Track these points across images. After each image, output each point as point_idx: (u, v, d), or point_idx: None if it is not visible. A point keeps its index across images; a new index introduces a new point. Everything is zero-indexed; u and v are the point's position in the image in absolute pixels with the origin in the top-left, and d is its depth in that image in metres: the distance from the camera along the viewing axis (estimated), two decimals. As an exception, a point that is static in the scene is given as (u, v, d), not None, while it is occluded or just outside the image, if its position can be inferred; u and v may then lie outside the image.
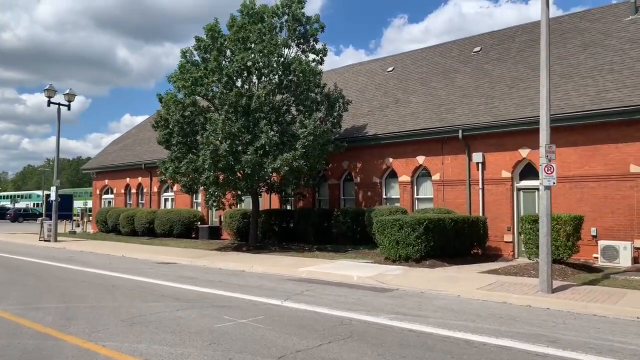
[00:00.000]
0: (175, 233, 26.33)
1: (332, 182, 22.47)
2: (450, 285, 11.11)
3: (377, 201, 20.87)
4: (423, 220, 14.01)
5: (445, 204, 18.87)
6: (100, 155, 39.15)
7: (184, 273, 13.86)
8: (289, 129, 17.61)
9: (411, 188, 19.96)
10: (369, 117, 22.28)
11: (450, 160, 18.90)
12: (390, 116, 21.42)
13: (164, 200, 31.74)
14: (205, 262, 16.14)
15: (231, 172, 17.11)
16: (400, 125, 20.31)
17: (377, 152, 20.91)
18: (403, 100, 22.09)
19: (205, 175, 16.78)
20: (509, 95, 18.52)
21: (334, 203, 22.33)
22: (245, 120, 17.14)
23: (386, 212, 18.50)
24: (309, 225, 21.00)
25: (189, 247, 21.44)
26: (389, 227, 14.34)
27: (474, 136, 18.16)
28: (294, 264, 14.73)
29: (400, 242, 14.10)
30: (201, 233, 25.95)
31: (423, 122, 19.62)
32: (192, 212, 26.95)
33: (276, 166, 16.28)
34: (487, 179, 18.01)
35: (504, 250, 17.51)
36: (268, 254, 17.67)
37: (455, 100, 19.98)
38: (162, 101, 18.51)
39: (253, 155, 16.20)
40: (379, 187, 20.92)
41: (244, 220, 23.25)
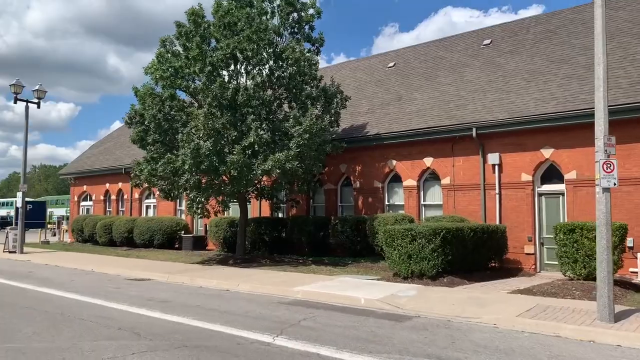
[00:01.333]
0: (156, 243, 24.05)
1: (328, 187, 20.36)
2: (481, 311, 9.01)
3: (378, 208, 18.79)
4: (440, 230, 11.93)
5: (456, 211, 16.82)
6: (78, 159, 36.72)
7: (156, 294, 11.64)
8: (281, 127, 15.50)
9: (417, 193, 17.90)
10: (369, 116, 20.24)
11: (461, 163, 16.87)
12: (393, 114, 19.39)
13: (145, 207, 29.44)
14: (184, 279, 13.92)
15: (215, 175, 14.94)
16: (404, 123, 18.28)
17: (379, 153, 18.86)
18: (407, 97, 20.08)
19: (185, 178, 14.60)
20: (526, 89, 16.57)
21: (331, 210, 20.21)
22: (231, 116, 15.01)
23: (391, 221, 16.43)
24: (304, 235, 18.85)
25: (169, 259, 19.18)
26: (399, 238, 12.23)
27: (489, 135, 16.17)
28: (287, 281, 12.56)
29: (413, 256, 11.98)
30: (184, 243, 23.69)
31: (431, 120, 17.61)
32: (175, 220, 24.68)
33: (267, 168, 14.15)
34: (504, 182, 16.00)
35: (524, 263, 15.48)
36: (257, 268, 15.48)
37: (465, 96, 18.01)
38: (137, 95, 16.32)
39: (240, 156, 14.06)
40: (381, 192, 18.84)
41: (231, 229, 21.04)
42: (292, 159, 14.55)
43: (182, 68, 15.67)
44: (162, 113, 15.79)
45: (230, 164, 14.05)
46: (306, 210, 21.08)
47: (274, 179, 18.37)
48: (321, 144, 16.34)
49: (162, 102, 15.75)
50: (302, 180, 17.21)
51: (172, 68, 15.66)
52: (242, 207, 17.96)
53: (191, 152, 14.10)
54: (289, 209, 21.61)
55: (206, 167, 14.49)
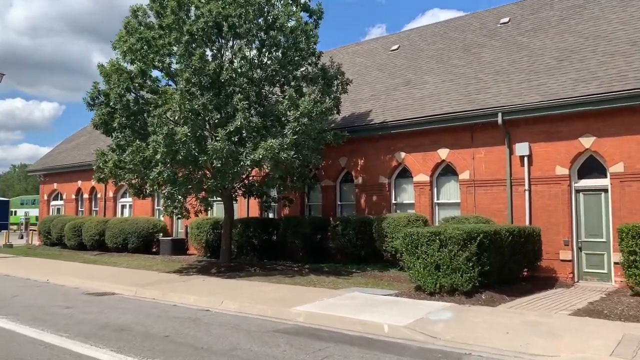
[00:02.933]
0: (130, 247, 21.36)
1: (326, 184, 17.88)
2: (552, 345, 6.59)
3: (384, 207, 16.35)
4: (476, 233, 9.51)
5: (476, 210, 14.44)
6: (49, 154, 33.76)
7: (115, 317, 9.06)
8: (274, 110, 12.98)
9: (430, 190, 15.49)
10: (372, 103, 17.80)
11: (483, 154, 14.50)
12: (400, 100, 16.97)
13: (120, 207, 26.70)
14: (155, 293, 11.34)
15: (194, 167, 12.39)
16: (415, 110, 15.87)
17: (385, 145, 16.42)
18: (416, 81, 17.68)
19: (158, 170, 12.01)
20: (559, 69, 14.25)
21: (329, 210, 17.73)
22: (213, 95, 12.45)
23: (403, 222, 14.02)
24: (298, 239, 16.34)
25: (143, 266, 16.55)
26: (423, 244, 9.77)
27: (516, 122, 13.83)
28: (283, 298, 10.04)
29: (443, 267, 9.54)
30: (162, 247, 21.05)
31: (447, 105, 15.21)
32: (152, 221, 22.00)
33: (257, 158, 11.62)
34: (535, 177, 13.66)
35: (560, 272, 13.15)
36: (245, 279, 12.94)
37: (485, 78, 15.65)
38: (102, 72, 13.65)
39: (224, 143, 11.51)
40: (387, 189, 16.40)
41: (214, 231, 18.47)
42: (287, 148, 12.04)
43: (154, 39, 13.06)
44: (131, 93, 13.17)
45: (213, 153, 11.50)
46: (300, 210, 18.59)
47: (265, 174, 15.84)
48: (320, 131, 13.86)
49: (131, 79, 13.14)
50: (298, 174, 14.70)
51: (143, 40, 13.05)
52: (228, 206, 15.40)
53: (164, 139, 11.53)
54: (281, 209, 19.09)
55: (183, 157, 11.93)
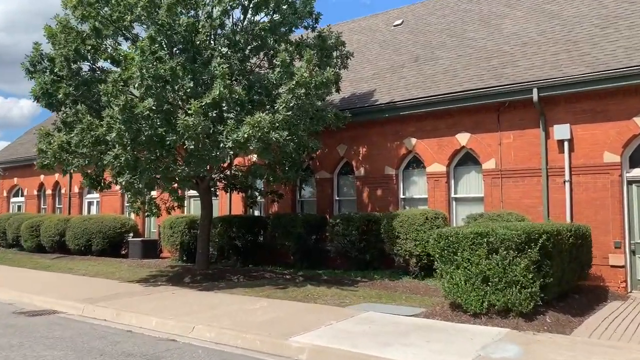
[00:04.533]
0: (95, 249, 18.57)
1: (321, 176, 15.35)
2: None
3: (390, 203, 13.88)
4: (537, 234, 7.07)
5: (504, 205, 12.07)
6: (10, 146, 30.66)
7: (34, 354, 6.41)
8: (263, 79, 10.40)
9: (446, 183, 13.06)
10: (375, 82, 15.33)
11: (512, 139, 12.13)
12: (409, 77, 14.52)
13: (87, 204, 23.86)
14: (108, 313, 8.69)
15: (161, 149, 9.74)
16: (428, 87, 13.43)
17: (392, 129, 13.97)
18: (426, 56, 15.23)
19: (114, 153, 9.34)
20: (605, 37, 11.92)
21: (325, 207, 15.21)
22: (186, 59, 9.83)
23: (419, 219, 11.59)
24: (290, 240, 13.78)
25: (104, 273, 13.84)
26: (465, 248, 7.28)
27: (554, 99, 11.48)
28: (277, 321, 7.49)
29: (493, 279, 7.06)
30: (131, 250, 18.33)
31: (467, 82, 12.81)
32: (120, 220, 19.22)
33: (240, 138, 9.03)
34: (577, 166, 11.32)
35: (609, 280, 10.84)
36: (226, 291, 10.34)
37: (511, 50, 13.27)
38: (47, 32, 10.89)
39: (199, 118, 8.91)
40: (395, 182, 13.94)
41: (191, 231, 15.83)
42: (279, 127, 9.46)
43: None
44: (83, 60, 10.50)
45: (184, 131, 8.88)
46: (291, 206, 16.03)
47: (250, 165, 13.26)
48: (318, 110, 11.32)
49: (82, 40, 10.45)
50: (290, 163, 12.14)
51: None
52: (205, 201, 12.78)
53: (121, 112, 8.89)
54: (269, 205, 16.52)
55: (146, 137, 9.28)
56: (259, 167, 10.87)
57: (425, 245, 11.25)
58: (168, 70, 9.15)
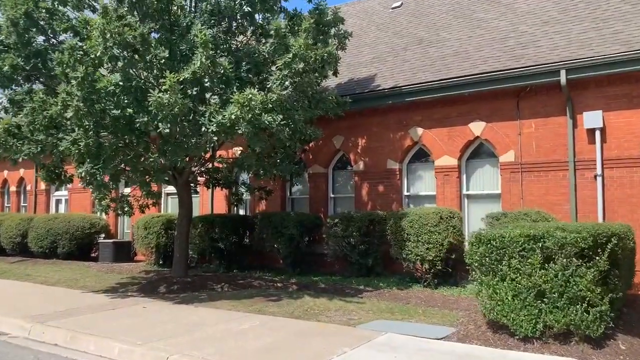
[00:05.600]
0: (61, 252, 16.71)
1: (315, 170, 13.77)
2: None
3: (393, 201, 12.37)
4: (605, 237, 5.57)
5: (524, 203, 10.64)
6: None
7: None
8: (252, 51, 8.77)
9: (458, 178, 11.59)
10: (375, 66, 13.80)
11: (534, 128, 10.70)
12: (414, 61, 13.02)
13: (55, 202, 21.89)
14: (60, 335, 6.97)
15: (130, 133, 8.03)
16: (437, 70, 11.95)
17: (396, 118, 12.47)
18: (431, 38, 13.75)
19: (72, 138, 7.62)
20: (638, 14, 10.56)
21: (318, 205, 13.63)
22: (160, 27, 8.15)
23: (433, 219, 10.10)
24: (281, 242, 12.16)
25: (67, 280, 12.05)
26: (514, 255, 5.76)
27: (584, 82, 10.10)
28: (275, 348, 5.90)
29: (550, 294, 5.55)
30: (102, 252, 16.52)
31: (482, 64, 11.36)
32: (90, 219, 17.37)
33: (226, 120, 7.39)
34: (610, 158, 9.94)
35: (648, 289, 9.46)
36: (209, 305, 8.68)
37: (530, 30, 11.85)
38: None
39: (176, 95, 7.25)
40: (398, 177, 12.43)
41: (168, 232, 14.13)
42: (272, 110, 7.84)
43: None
44: (33, 22, 8.74)
45: (158, 111, 7.21)
46: (281, 204, 14.41)
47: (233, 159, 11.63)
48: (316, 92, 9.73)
49: (35, 3, 8.68)
50: (283, 153, 10.53)
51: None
52: (184, 198, 11.08)
53: (79, 86, 7.19)
54: (255, 203, 14.90)
55: (112, 119, 7.59)
56: (248, 157, 9.21)
57: (439, 249, 9.78)
58: (138, 37, 7.48)
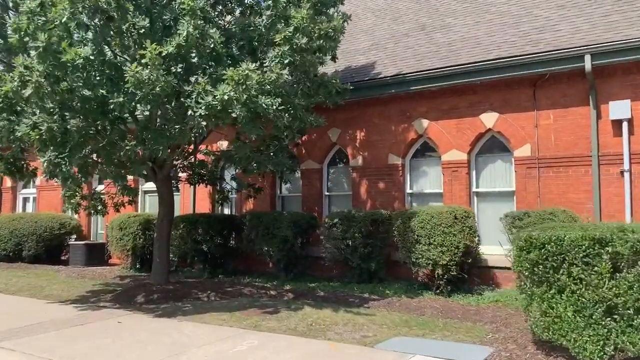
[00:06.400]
0: (27, 255, 15.28)
1: (308, 166, 12.64)
2: None
3: (395, 199, 11.32)
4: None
5: (541, 201, 9.70)
6: None
7: None
8: (247, 25, 7.60)
9: (467, 174, 10.59)
10: (374, 53, 12.75)
11: (552, 120, 9.76)
12: (417, 47, 12.00)
13: (22, 200, 20.31)
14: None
15: (103, 117, 6.79)
16: (445, 58, 10.95)
17: (398, 109, 11.43)
18: (434, 24, 12.75)
19: (32, 122, 6.36)
20: (664, -4, 9.72)
21: (311, 203, 12.51)
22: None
23: (446, 218, 9.11)
24: (273, 244, 10.98)
25: (30, 288, 10.69)
26: (576, 261, 4.73)
27: (608, 69, 9.20)
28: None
29: (622, 310, 4.53)
30: (73, 255, 15.14)
31: (495, 49, 10.39)
32: (60, 219, 15.94)
33: (217, 102, 6.21)
34: (638, 152, 9.04)
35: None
36: (195, 320, 7.48)
37: (546, 14, 10.92)
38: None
39: (157, 71, 6.05)
40: (401, 173, 11.38)
41: (146, 233, 12.85)
42: (270, 92, 6.69)
43: None
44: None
45: (136, 88, 6.00)
46: (270, 203, 13.25)
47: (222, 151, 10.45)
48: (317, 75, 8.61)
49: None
50: (277, 145, 9.38)
51: None
52: (164, 194, 9.84)
53: (41, 59, 5.94)
54: (242, 202, 13.71)
55: (80, 99, 6.35)
56: (241, 148, 8.02)
57: (455, 252, 8.75)
58: (112, 2, 6.26)
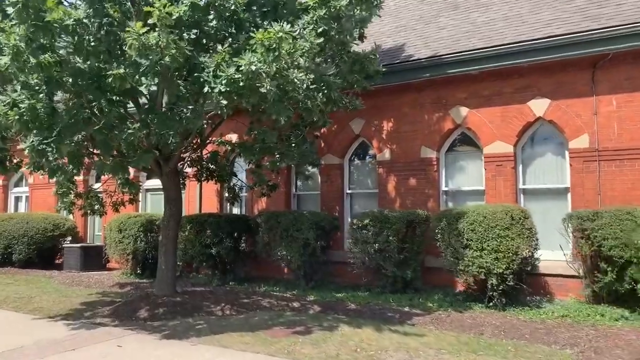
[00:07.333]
0: (17, 259, 14.00)
1: (328, 161, 11.35)
2: None
3: (428, 198, 10.06)
4: None
5: (602, 199, 8.45)
6: None
7: None
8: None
9: (513, 169, 9.32)
10: (402, 35, 11.49)
11: (615, 106, 8.52)
12: (452, 28, 10.73)
13: (14, 199, 18.99)
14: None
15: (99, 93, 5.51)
16: (487, 38, 9.69)
17: (432, 96, 10.17)
18: (468, 4, 11.46)
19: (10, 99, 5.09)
20: None
21: (332, 202, 11.24)
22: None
23: (502, 219, 7.93)
24: (292, 249, 9.69)
25: (16, 299, 9.40)
26: None
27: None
28: None
29: None
30: (67, 259, 13.87)
31: (545, 27, 9.12)
32: (53, 219, 14.62)
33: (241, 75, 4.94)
34: None
35: None
36: (211, 343, 6.20)
37: (599, -12, 9.65)
38: None
39: (167, 35, 4.77)
40: (435, 168, 10.10)
41: (148, 235, 11.58)
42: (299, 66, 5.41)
43: None
44: None
45: (140, 55, 4.72)
46: (285, 202, 11.96)
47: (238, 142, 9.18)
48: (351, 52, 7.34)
49: None
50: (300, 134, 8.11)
51: None
52: (171, 192, 8.55)
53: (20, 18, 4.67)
54: (252, 202, 12.44)
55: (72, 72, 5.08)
56: (269, 134, 6.72)
57: (512, 259, 7.48)
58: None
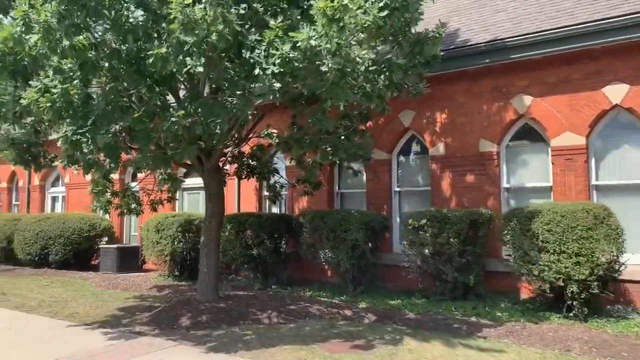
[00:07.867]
0: (54, 259, 13.71)
1: (374, 156, 10.55)
2: None
3: (488, 196, 9.20)
4: None
5: (692, 197, 7.43)
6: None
7: None
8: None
9: (585, 162, 8.39)
10: (455, 20, 10.66)
11: None
12: (510, 10, 9.86)
13: (51, 199, 18.88)
14: None
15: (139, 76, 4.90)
16: (554, 18, 8.78)
17: (491, 84, 9.32)
18: (527, -16, 10.55)
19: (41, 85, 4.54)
20: None
21: (379, 201, 10.49)
22: None
23: (583, 218, 7.18)
24: (341, 250, 8.98)
25: (51, 303, 8.97)
26: None
27: None
28: None
29: None
30: (104, 260, 13.50)
31: (621, 3, 8.17)
32: (89, 219, 14.28)
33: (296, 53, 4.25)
34: None
35: None
36: (260, 355, 5.56)
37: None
38: None
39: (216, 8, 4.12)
40: (496, 163, 9.24)
41: (186, 236, 11.05)
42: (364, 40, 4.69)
43: None
44: None
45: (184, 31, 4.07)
46: (328, 201, 11.27)
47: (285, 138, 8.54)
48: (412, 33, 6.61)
49: None
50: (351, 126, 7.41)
51: None
52: (213, 190, 7.97)
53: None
54: (292, 200, 11.81)
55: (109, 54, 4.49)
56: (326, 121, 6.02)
57: (596, 264, 6.59)
58: None
